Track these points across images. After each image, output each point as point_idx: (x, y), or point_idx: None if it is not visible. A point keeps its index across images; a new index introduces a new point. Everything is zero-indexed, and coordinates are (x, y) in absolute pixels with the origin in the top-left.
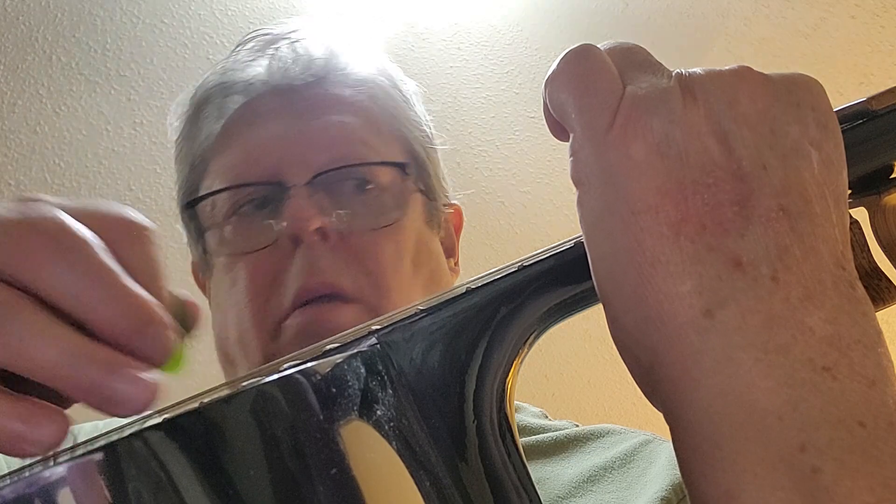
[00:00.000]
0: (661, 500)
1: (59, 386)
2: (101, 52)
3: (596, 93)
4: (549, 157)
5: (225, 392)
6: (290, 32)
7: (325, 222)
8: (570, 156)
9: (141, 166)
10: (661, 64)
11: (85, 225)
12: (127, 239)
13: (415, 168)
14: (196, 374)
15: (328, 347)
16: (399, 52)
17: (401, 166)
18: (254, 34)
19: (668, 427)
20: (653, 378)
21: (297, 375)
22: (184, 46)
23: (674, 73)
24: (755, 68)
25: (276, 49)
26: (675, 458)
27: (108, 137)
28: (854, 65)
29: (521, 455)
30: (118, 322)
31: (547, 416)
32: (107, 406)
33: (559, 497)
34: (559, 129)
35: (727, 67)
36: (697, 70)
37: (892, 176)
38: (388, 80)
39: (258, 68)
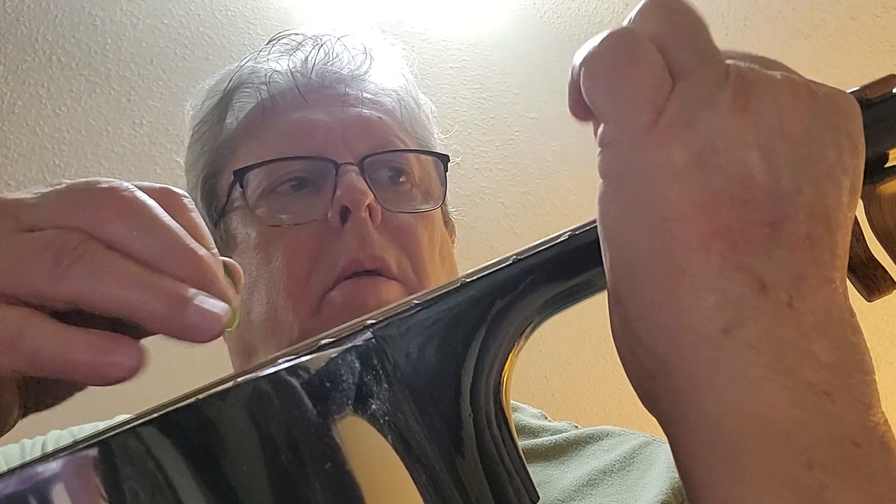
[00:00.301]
0: (661, 503)
1: (133, 315)
2: (101, 52)
3: (641, 86)
4: (549, 157)
5: (220, 388)
6: (325, 34)
7: (373, 202)
8: (600, 145)
9: (141, 167)
10: (716, 50)
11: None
12: (178, 207)
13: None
14: (197, 375)
15: (323, 342)
16: (391, 38)
17: (442, 158)
18: (287, 32)
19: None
20: (656, 386)
21: (292, 370)
22: (183, 47)
23: (729, 71)
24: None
25: (316, 44)
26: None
27: (107, 138)
28: (854, 65)
29: (518, 447)
30: (187, 276)
31: (546, 417)
32: (180, 331)
33: (559, 501)
34: (581, 107)
35: (779, 74)
36: (750, 69)
37: (888, 165)
38: (413, 95)
39: (296, 60)
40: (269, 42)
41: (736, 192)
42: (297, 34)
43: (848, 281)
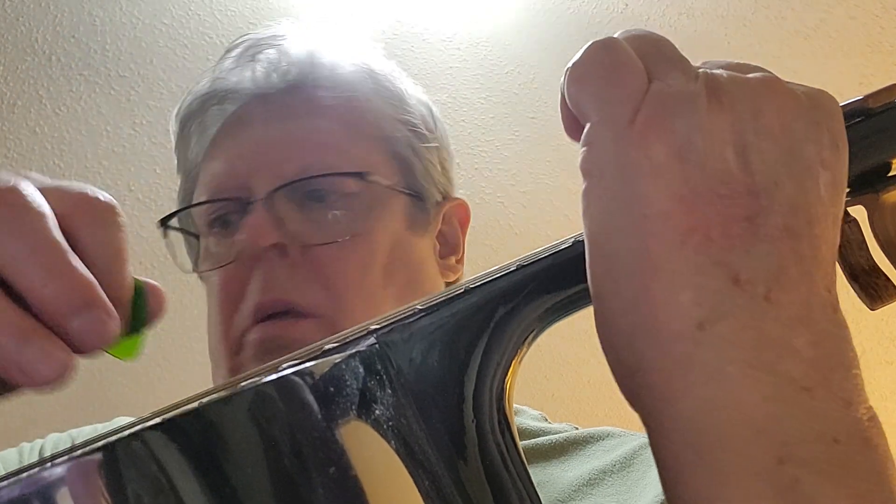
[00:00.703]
0: (662, 503)
1: None
2: (101, 52)
3: (620, 85)
4: (549, 157)
5: (223, 392)
6: (273, 37)
7: (280, 238)
8: (583, 145)
9: (140, 167)
10: (687, 61)
11: (50, 201)
12: (91, 219)
13: (396, 169)
14: (198, 373)
15: (327, 347)
16: (398, 53)
17: (360, 176)
18: (240, 40)
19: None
20: (636, 382)
21: (295, 376)
22: (183, 47)
23: (701, 73)
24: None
25: (259, 54)
26: None
27: (107, 138)
28: (854, 66)
29: (521, 454)
30: (55, 299)
31: (546, 419)
32: (13, 374)
33: (559, 500)
34: (573, 124)
35: (755, 75)
36: (724, 73)
37: (890, 174)
38: (373, 79)
39: (240, 76)
40: (223, 54)
41: (714, 188)
42: (247, 41)
43: (850, 288)
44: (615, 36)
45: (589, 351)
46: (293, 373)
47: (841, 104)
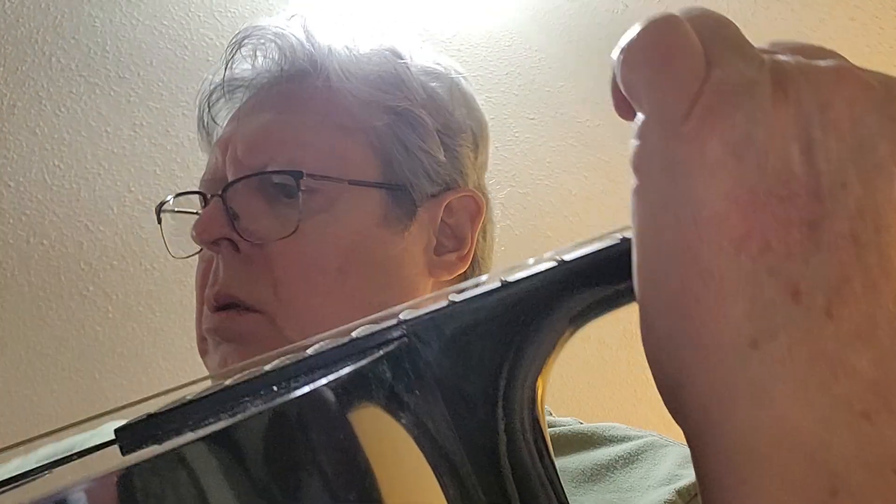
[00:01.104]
0: (665, 502)
1: None
2: (101, 53)
3: (677, 73)
4: (549, 158)
5: (229, 399)
6: (274, 27)
7: (227, 233)
8: (636, 139)
9: (140, 167)
10: (751, 45)
11: None
12: None
13: (369, 163)
14: (198, 373)
15: (354, 333)
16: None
17: (292, 174)
18: (240, 30)
19: (667, 429)
20: (679, 396)
21: (323, 388)
22: (183, 48)
23: (767, 60)
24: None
25: (258, 45)
26: (682, 461)
27: (107, 139)
28: None
29: (552, 459)
30: None
31: (551, 413)
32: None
33: None
34: (625, 107)
35: (826, 62)
36: (792, 60)
37: None
38: (365, 63)
39: (228, 72)
40: (226, 48)
41: (773, 188)
42: (241, 33)
43: None
44: (674, 13)
45: (589, 353)
46: (322, 385)
47: None
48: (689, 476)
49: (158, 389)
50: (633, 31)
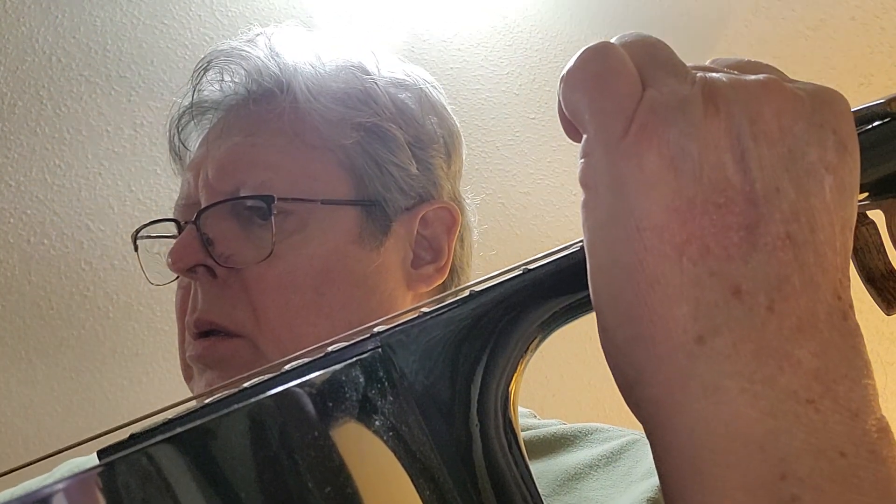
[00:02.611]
0: (648, 500)
1: None
2: (102, 53)
3: (612, 96)
4: (549, 158)
5: (210, 412)
6: (211, 56)
7: (202, 259)
8: (581, 158)
9: (141, 167)
10: (684, 64)
11: None
12: None
13: (339, 181)
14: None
15: (330, 348)
16: (398, 54)
17: (265, 199)
18: (208, 52)
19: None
20: (636, 395)
21: (297, 388)
22: (184, 48)
23: (697, 78)
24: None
25: (224, 68)
26: None
27: (108, 138)
28: (854, 66)
29: (526, 461)
30: None
31: (535, 416)
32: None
33: (545, 495)
34: (572, 130)
35: (755, 77)
36: (722, 77)
37: None
38: (330, 80)
39: (196, 95)
40: (194, 70)
41: (710, 197)
42: (209, 56)
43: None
44: (609, 41)
45: (588, 352)
46: (294, 385)
47: (861, 107)
48: None
49: (158, 389)
50: (573, 58)
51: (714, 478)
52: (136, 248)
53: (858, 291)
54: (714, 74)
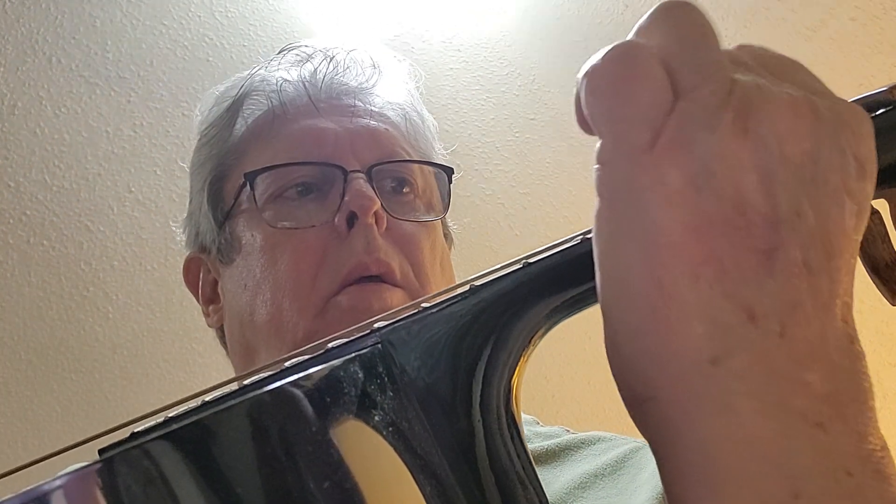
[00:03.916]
0: None
1: None
2: (101, 53)
3: (637, 104)
4: (549, 158)
5: (213, 407)
6: (335, 46)
7: (380, 208)
8: (598, 164)
9: (141, 168)
10: (722, 62)
11: None
12: None
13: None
14: (198, 373)
15: (330, 345)
16: (399, 54)
17: (446, 170)
18: (297, 44)
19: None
20: (645, 410)
21: (296, 383)
22: (184, 48)
23: (734, 88)
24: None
25: (326, 56)
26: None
27: (107, 139)
28: (854, 67)
29: (529, 455)
30: None
31: (538, 423)
32: None
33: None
34: (587, 125)
35: (786, 93)
36: (754, 89)
37: None
38: (418, 109)
39: (305, 71)
40: (279, 52)
41: (730, 218)
42: (307, 46)
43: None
44: (640, 42)
45: (589, 352)
46: (293, 381)
47: (863, 96)
48: None
49: (158, 389)
50: (599, 55)
51: (727, 496)
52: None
53: (858, 292)
54: (747, 81)
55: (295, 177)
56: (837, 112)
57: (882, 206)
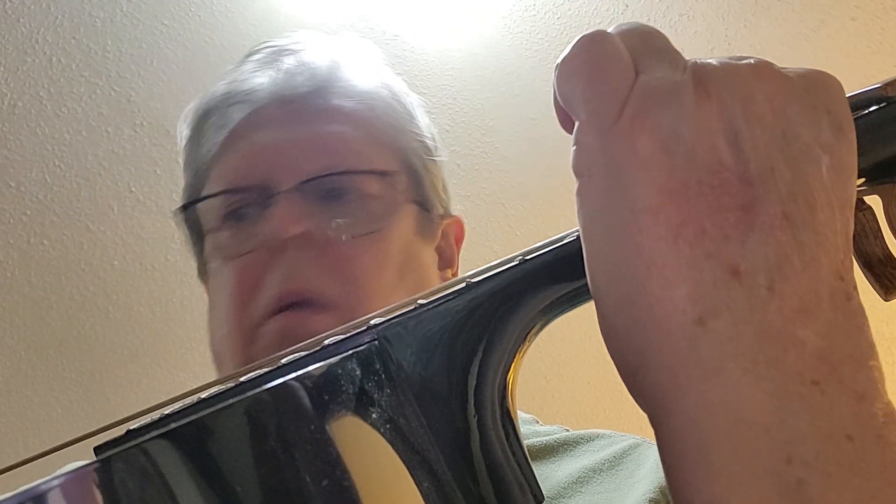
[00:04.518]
0: (650, 501)
1: None
2: (102, 53)
3: (606, 80)
4: (549, 158)
5: (210, 405)
6: (294, 44)
7: (308, 228)
8: (574, 145)
9: (141, 168)
10: (678, 52)
11: None
12: None
13: (408, 178)
14: (198, 373)
15: (327, 341)
16: (398, 54)
17: (385, 175)
18: (260, 46)
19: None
20: (639, 381)
21: (293, 382)
22: (184, 48)
23: (689, 64)
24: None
25: (281, 59)
26: None
27: (108, 139)
28: (854, 67)
29: (524, 450)
30: None
31: (537, 422)
32: None
33: (549, 499)
34: (567, 120)
35: (745, 61)
36: (713, 62)
37: None
38: (390, 92)
39: (263, 78)
40: (243, 58)
41: (704, 178)
42: (266, 48)
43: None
44: (606, 30)
45: (588, 352)
46: (291, 378)
47: (857, 92)
48: None
49: (158, 389)
50: (568, 47)
51: (719, 462)
52: (184, 220)
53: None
54: (706, 61)
55: (228, 204)
56: (804, 74)
57: (875, 202)
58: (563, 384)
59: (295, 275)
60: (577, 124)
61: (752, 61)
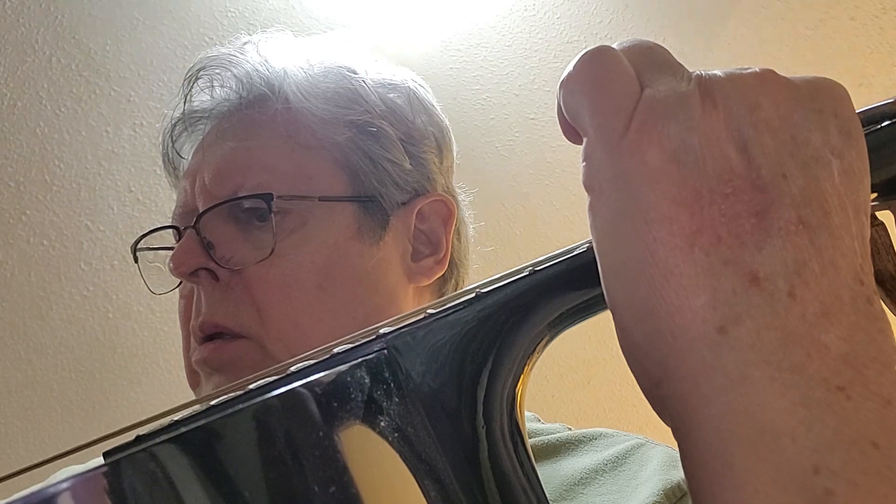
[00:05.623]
0: (653, 503)
1: None
2: (101, 53)
3: (611, 95)
4: (549, 158)
5: (219, 410)
6: (201, 64)
7: (203, 263)
8: (583, 160)
9: (141, 167)
10: (680, 65)
11: None
12: None
13: (344, 178)
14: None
15: (336, 350)
16: (397, 55)
17: (264, 198)
18: (195, 61)
19: (669, 431)
20: (661, 392)
21: (302, 389)
22: (183, 48)
23: (693, 76)
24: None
25: (190, 83)
26: (667, 462)
27: (107, 139)
28: (853, 66)
29: (532, 462)
30: None
31: (539, 420)
32: None
33: (551, 499)
34: (573, 133)
35: (749, 70)
36: (718, 72)
37: None
38: (321, 81)
39: (188, 105)
40: (184, 80)
41: (715, 187)
42: (196, 65)
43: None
44: (609, 45)
45: (589, 352)
46: (300, 385)
47: (869, 107)
48: (676, 477)
49: (158, 389)
50: (572, 63)
51: (745, 472)
52: (136, 260)
53: None
54: (709, 72)
55: (161, 242)
56: (808, 80)
57: (887, 217)
58: (562, 384)
59: (206, 308)
60: (585, 140)
61: (756, 69)
